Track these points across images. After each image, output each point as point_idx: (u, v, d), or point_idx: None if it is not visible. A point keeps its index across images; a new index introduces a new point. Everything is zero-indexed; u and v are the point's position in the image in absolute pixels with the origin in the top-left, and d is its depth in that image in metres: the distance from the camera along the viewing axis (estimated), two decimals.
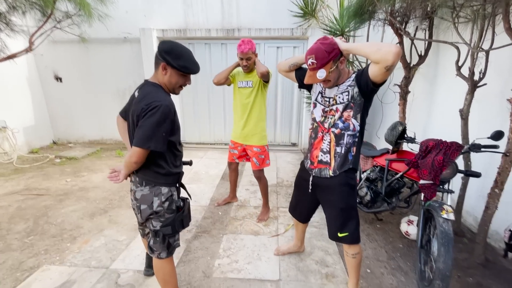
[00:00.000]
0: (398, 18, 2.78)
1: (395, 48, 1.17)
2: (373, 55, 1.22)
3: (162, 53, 1.25)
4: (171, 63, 1.25)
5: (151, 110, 1.19)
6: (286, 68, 1.68)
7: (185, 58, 1.28)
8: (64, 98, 5.18)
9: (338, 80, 1.41)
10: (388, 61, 1.18)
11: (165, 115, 1.22)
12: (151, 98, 1.22)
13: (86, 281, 1.85)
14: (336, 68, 1.35)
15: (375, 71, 1.25)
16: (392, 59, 1.17)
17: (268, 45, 4.69)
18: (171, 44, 1.28)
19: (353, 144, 1.46)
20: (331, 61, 1.32)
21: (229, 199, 2.97)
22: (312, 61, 1.32)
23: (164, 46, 1.27)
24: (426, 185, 1.79)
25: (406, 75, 2.99)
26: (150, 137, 1.20)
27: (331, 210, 1.54)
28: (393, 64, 1.18)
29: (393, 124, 2.12)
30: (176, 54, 1.26)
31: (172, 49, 1.26)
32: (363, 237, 2.37)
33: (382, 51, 1.19)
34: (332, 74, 1.35)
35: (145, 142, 1.21)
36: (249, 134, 2.42)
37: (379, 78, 1.27)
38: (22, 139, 4.71)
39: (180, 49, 1.28)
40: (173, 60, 1.25)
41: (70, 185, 3.44)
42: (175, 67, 1.26)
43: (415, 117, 3.24)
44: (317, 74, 1.32)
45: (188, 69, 1.30)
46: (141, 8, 4.63)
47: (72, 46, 4.79)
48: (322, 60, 1.30)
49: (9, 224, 2.55)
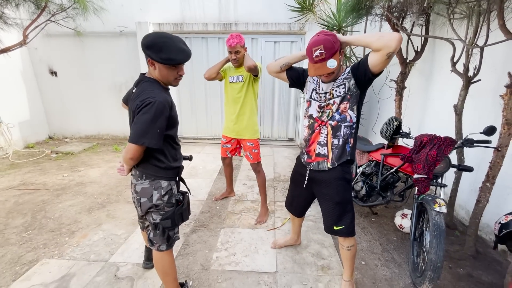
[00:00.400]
0: (395, 13, 2.79)
1: (397, 35, 1.20)
2: (374, 43, 1.25)
3: (144, 49, 1.22)
4: (154, 58, 1.23)
5: (146, 107, 1.19)
6: (277, 69, 1.65)
7: (168, 50, 1.22)
8: (60, 93, 5.13)
9: (339, 72, 1.43)
10: (391, 47, 1.20)
11: (160, 111, 1.21)
12: (145, 95, 1.22)
13: (85, 274, 1.87)
14: (339, 60, 1.36)
15: (376, 59, 1.27)
16: (394, 45, 1.19)
17: (265, 40, 4.68)
18: (152, 37, 1.23)
19: (350, 136, 1.48)
20: (338, 51, 1.33)
21: (226, 193, 3.00)
22: (320, 52, 1.31)
23: (145, 40, 1.22)
24: (420, 179, 1.83)
25: (403, 71, 3.01)
26: (145, 134, 1.21)
27: (327, 204, 1.57)
28: (395, 50, 1.21)
29: (388, 120, 2.15)
30: (157, 47, 1.22)
31: (153, 43, 1.22)
32: (358, 230, 2.42)
33: (385, 38, 1.22)
34: (337, 66, 1.37)
35: (139, 138, 1.21)
36: (242, 129, 2.44)
37: (379, 67, 1.29)
38: (18, 134, 4.67)
39: (161, 40, 1.22)
40: (155, 54, 1.22)
41: (67, 180, 3.44)
42: (159, 61, 1.24)
43: (411, 113, 3.28)
44: (328, 63, 1.32)
45: (173, 61, 1.25)
46: (137, 2, 4.57)
47: (67, 40, 4.72)
48: (331, 50, 1.31)
49: (7, 219, 2.56)
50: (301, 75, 1.61)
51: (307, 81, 1.59)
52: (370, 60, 1.30)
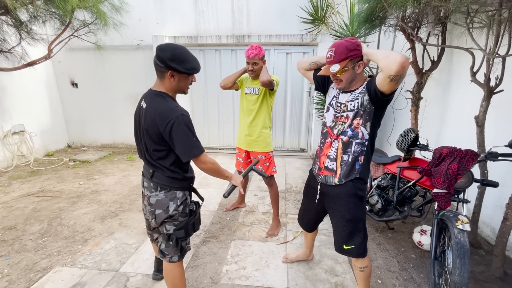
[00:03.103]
0: (410, 23, 2.74)
1: (401, 58, 1.11)
2: (381, 61, 1.21)
3: (167, 62, 1.24)
4: (179, 69, 1.25)
5: (174, 125, 1.22)
6: (306, 66, 1.66)
7: (187, 60, 1.27)
8: (79, 103, 5.35)
9: (351, 84, 1.39)
10: (391, 71, 1.13)
11: (187, 122, 1.26)
12: (165, 113, 1.24)
13: (96, 283, 1.88)
14: (352, 69, 1.34)
15: (381, 79, 1.23)
16: (395, 69, 1.12)
17: (277, 51, 4.72)
18: (171, 49, 1.25)
19: (361, 153, 1.43)
20: (349, 60, 1.31)
21: (237, 204, 2.97)
22: (331, 54, 1.33)
23: (167, 54, 1.24)
24: (440, 194, 1.74)
25: (418, 81, 2.93)
26: (195, 143, 1.28)
27: (337, 221, 1.51)
28: (396, 74, 1.13)
29: (405, 131, 2.08)
30: (179, 59, 1.25)
31: (175, 55, 1.24)
32: (374, 246, 2.31)
33: (389, 58, 1.16)
34: (346, 74, 1.34)
35: (195, 148, 1.28)
36: (253, 141, 2.42)
37: (385, 88, 1.23)
38: (39, 142, 4.87)
39: (179, 51, 1.26)
40: (179, 65, 1.25)
41: (82, 188, 3.53)
42: (184, 72, 1.27)
43: (428, 124, 3.17)
44: (331, 67, 1.32)
45: (195, 70, 1.31)
46: (155, 16, 4.76)
47: (88, 53, 4.96)
48: (340, 55, 1.30)
49: (25, 225, 2.63)
50: (326, 79, 1.59)
51: (331, 87, 1.57)
52: (377, 79, 1.27)
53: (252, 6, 4.59)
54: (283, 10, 4.52)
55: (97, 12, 3.51)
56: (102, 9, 3.58)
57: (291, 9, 4.41)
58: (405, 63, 1.11)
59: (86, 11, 3.60)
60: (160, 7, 4.72)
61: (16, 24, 3.47)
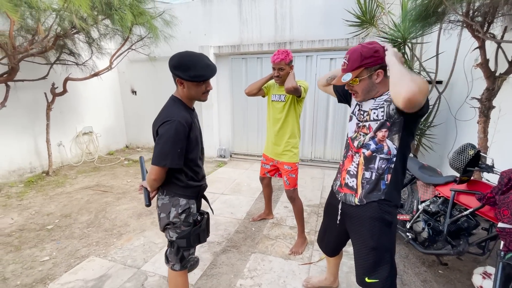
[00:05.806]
0: (478, 17, 2.28)
1: (407, 91, 0.93)
2: (391, 85, 1.03)
3: (172, 70, 1.26)
4: (183, 77, 1.25)
5: (165, 128, 1.22)
6: (324, 82, 1.58)
7: (194, 67, 1.25)
8: (137, 108, 6.00)
9: (370, 93, 1.20)
10: (397, 103, 0.99)
11: (179, 132, 1.23)
12: (164, 115, 1.26)
13: (119, 277, 1.99)
14: (369, 78, 1.15)
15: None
16: (401, 104, 0.97)
17: (320, 57, 4.50)
18: (178, 57, 1.26)
19: (388, 171, 1.20)
20: (363, 68, 1.13)
21: (264, 215, 2.86)
22: (344, 61, 1.19)
23: (172, 62, 1.26)
24: (508, 231, 1.34)
25: (490, 86, 2.40)
26: (166, 155, 1.23)
27: (359, 247, 1.29)
28: (404, 108, 0.98)
29: (461, 147, 1.71)
30: (184, 66, 1.25)
31: (180, 63, 1.25)
32: (417, 283, 1.93)
33: (397, 87, 0.98)
34: (361, 84, 1.16)
35: (161, 160, 1.24)
36: (280, 151, 2.28)
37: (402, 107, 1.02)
38: (103, 142, 5.60)
39: (187, 59, 1.26)
40: (183, 73, 1.25)
41: (129, 185, 3.88)
42: (188, 80, 1.26)
43: (502, 139, 2.56)
44: (343, 76, 1.16)
45: (201, 77, 1.27)
46: (203, 28, 5.06)
47: (144, 64, 5.53)
48: (354, 63, 1.14)
49: (77, 214, 3.00)
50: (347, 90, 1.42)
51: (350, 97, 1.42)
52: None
53: (295, 13, 4.50)
54: (327, 14, 4.31)
55: (149, 27, 3.88)
56: (155, 24, 3.95)
57: (336, 13, 4.16)
58: (413, 98, 0.93)
59: (142, 27, 4.03)
60: (209, 19, 5.00)
61: (89, 41, 4.09)
